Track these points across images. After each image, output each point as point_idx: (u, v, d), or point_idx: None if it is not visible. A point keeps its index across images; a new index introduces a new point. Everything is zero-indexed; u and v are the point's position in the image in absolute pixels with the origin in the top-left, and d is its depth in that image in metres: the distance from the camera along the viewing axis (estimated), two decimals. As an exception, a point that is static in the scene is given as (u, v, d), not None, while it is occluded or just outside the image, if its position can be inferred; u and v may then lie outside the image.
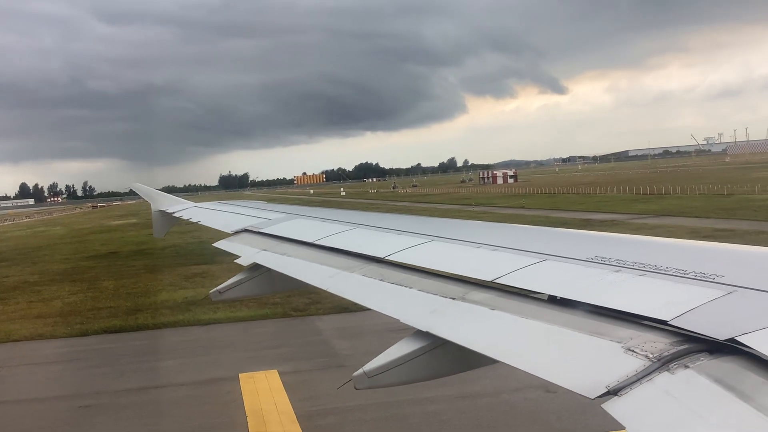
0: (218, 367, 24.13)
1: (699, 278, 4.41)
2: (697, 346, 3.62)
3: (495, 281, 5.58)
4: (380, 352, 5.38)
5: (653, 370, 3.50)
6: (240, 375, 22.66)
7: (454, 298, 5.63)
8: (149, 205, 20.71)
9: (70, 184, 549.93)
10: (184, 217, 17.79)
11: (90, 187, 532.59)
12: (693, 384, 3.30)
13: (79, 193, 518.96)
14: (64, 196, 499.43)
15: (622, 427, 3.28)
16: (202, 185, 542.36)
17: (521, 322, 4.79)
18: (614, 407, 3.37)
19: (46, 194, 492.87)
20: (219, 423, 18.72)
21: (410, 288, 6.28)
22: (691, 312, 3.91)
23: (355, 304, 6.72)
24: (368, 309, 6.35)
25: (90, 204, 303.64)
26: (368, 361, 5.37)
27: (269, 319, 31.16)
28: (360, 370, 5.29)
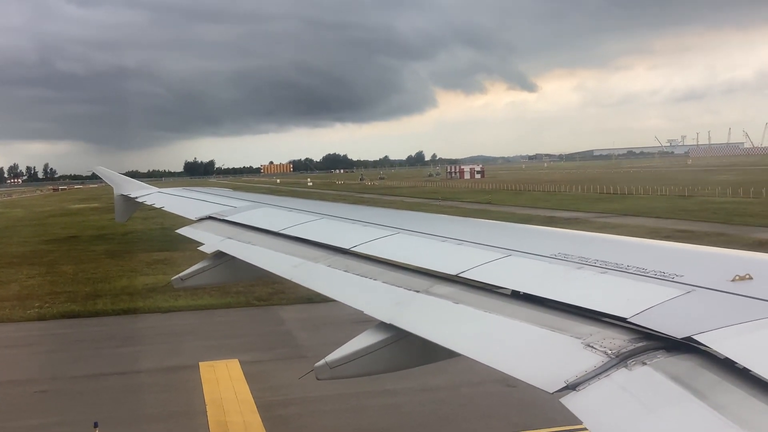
0: (178, 355, 23.89)
1: (659, 277, 4.48)
2: (655, 343, 3.68)
3: (459, 275, 5.61)
4: (343, 344, 5.38)
5: (611, 366, 3.55)
6: (200, 363, 22.47)
7: (418, 291, 5.65)
8: (112, 189, 20.38)
9: (31, 165, 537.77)
10: (148, 203, 17.55)
11: (51, 169, 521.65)
12: (650, 381, 3.35)
13: (40, 175, 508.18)
14: (25, 177, 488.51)
15: (579, 421, 3.32)
16: (167, 171, 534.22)
17: (484, 316, 4.82)
18: (572, 402, 3.41)
19: (5, 175, 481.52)
20: (178, 411, 18.54)
21: (375, 280, 6.28)
22: (650, 310, 3.97)
23: (319, 294, 6.71)
24: (332, 300, 6.34)
25: (51, 186, 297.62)
26: (330, 352, 5.36)
27: (232, 308, 30.94)
28: (322, 361, 5.28)
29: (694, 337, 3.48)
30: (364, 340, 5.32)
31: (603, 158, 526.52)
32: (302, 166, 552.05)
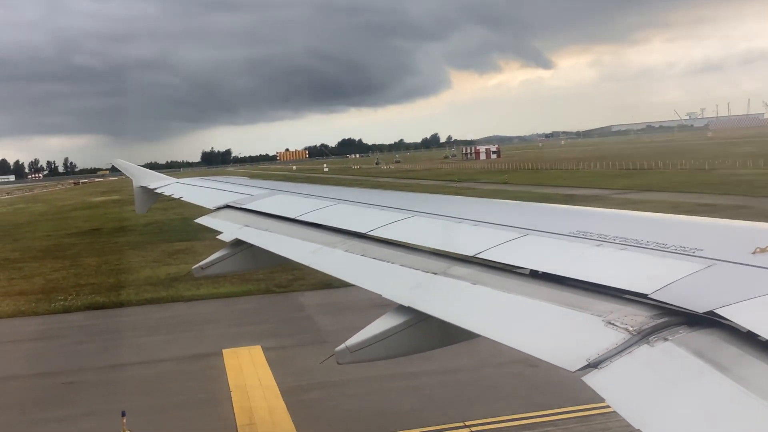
0: (202, 343, 24.14)
1: (679, 252, 4.43)
2: (676, 319, 3.64)
3: (477, 256, 5.58)
4: (363, 328, 5.39)
5: (633, 343, 3.52)
6: (223, 351, 22.69)
7: (436, 273, 5.64)
8: (131, 181, 20.53)
9: (52, 160, 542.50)
10: (166, 193, 17.66)
11: (71, 163, 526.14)
12: (672, 356, 3.32)
13: (61, 169, 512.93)
14: (45, 172, 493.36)
15: (602, 399, 3.30)
16: (185, 161, 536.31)
17: (503, 296, 4.80)
18: (594, 380, 3.39)
19: (27, 171, 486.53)
20: (203, 398, 18.76)
21: (392, 263, 6.27)
22: (671, 285, 3.93)
23: (338, 279, 6.72)
24: (351, 284, 6.35)
25: (72, 180, 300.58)
26: (350, 336, 5.38)
27: (252, 295, 31.18)
28: (343, 345, 5.30)
29: (716, 311, 3.44)
30: (383, 323, 5.33)
31: (621, 134, 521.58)
32: (318, 152, 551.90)
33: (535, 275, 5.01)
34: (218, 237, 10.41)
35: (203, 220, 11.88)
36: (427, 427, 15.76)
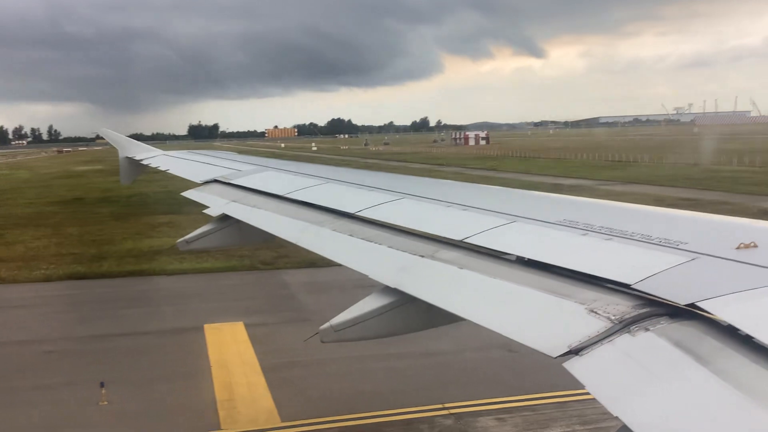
0: (183, 317, 24.11)
1: (663, 244, 4.49)
2: (658, 309, 3.70)
3: (464, 240, 5.62)
4: (347, 308, 5.43)
5: (614, 332, 3.58)
6: (205, 326, 22.69)
7: (423, 256, 5.67)
8: (116, 152, 20.38)
9: (36, 127, 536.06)
10: (152, 165, 17.57)
11: (56, 131, 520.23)
12: (652, 346, 3.38)
13: (45, 137, 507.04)
14: (29, 139, 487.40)
15: (580, 386, 3.36)
16: (171, 134, 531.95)
17: (489, 281, 4.85)
18: (575, 366, 3.45)
19: (10, 137, 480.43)
20: (183, 372, 18.78)
21: (380, 244, 6.30)
22: (654, 277, 3.99)
23: (324, 258, 6.74)
24: (337, 264, 6.38)
25: (56, 148, 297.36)
26: (335, 316, 5.42)
27: (236, 272, 31.12)
28: (327, 324, 5.34)
29: (698, 304, 3.50)
30: (368, 303, 5.37)
31: (609, 125, 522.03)
32: (307, 131, 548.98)
33: (521, 262, 5.06)
34: (204, 211, 10.38)
35: (190, 194, 11.84)
36: (407, 408, 15.89)
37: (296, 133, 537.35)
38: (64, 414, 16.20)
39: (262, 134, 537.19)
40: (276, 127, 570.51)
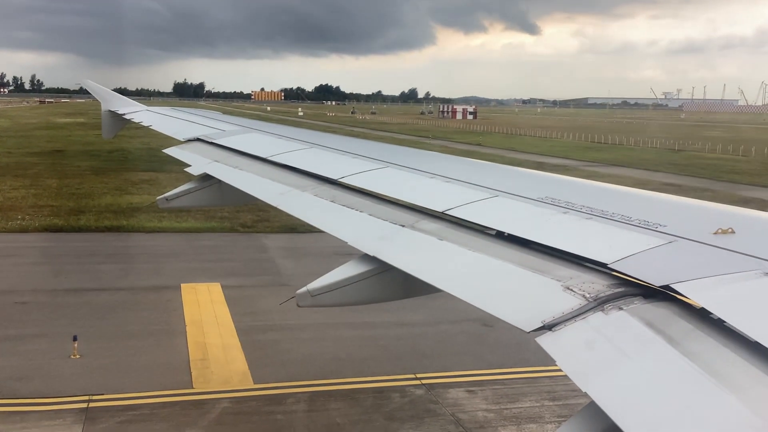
0: (160, 276, 24.03)
1: (642, 226, 4.52)
2: (633, 290, 3.73)
3: (446, 212, 5.62)
4: (325, 273, 5.42)
5: (588, 309, 3.61)
6: (182, 285, 22.63)
7: (404, 226, 5.67)
8: (99, 105, 20.07)
9: (18, 76, 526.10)
10: (135, 120, 17.33)
11: (38, 81, 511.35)
12: (624, 325, 3.41)
13: (27, 86, 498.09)
14: (11, 87, 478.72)
15: (551, 362, 3.39)
16: (156, 90, 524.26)
17: (468, 254, 4.86)
18: (547, 341, 3.47)
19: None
20: (157, 330, 18.76)
21: (361, 212, 6.29)
22: (631, 257, 4.01)
23: (304, 224, 6.72)
24: (317, 230, 6.36)
25: (38, 99, 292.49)
26: (312, 281, 5.41)
27: (216, 233, 31.00)
28: (304, 288, 5.33)
29: (672, 286, 3.53)
30: (346, 270, 5.36)
31: (597, 107, 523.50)
32: (293, 95, 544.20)
33: (501, 236, 5.07)
34: (186, 170, 10.28)
35: (171, 151, 11.71)
36: (379, 376, 16.03)
37: (283, 97, 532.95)
38: (33, 365, 16.13)
39: (248, 96, 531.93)
40: (263, 89, 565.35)
